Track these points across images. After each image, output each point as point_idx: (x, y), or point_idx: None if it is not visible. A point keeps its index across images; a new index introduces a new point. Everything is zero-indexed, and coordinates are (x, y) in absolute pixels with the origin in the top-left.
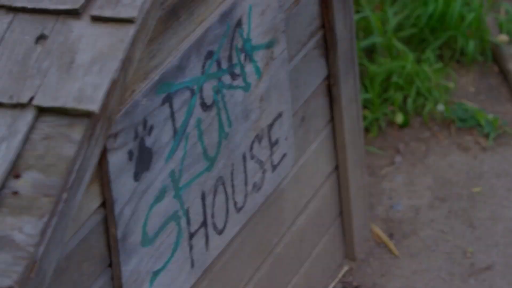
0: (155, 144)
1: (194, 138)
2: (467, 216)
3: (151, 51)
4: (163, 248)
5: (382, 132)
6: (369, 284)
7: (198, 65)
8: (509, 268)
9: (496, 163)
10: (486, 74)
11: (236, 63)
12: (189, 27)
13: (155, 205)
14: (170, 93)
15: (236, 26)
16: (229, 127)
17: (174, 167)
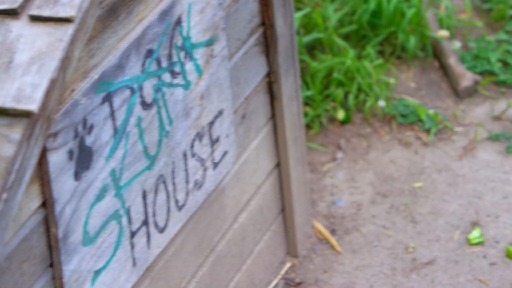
0: (95, 143)
1: (135, 137)
2: (408, 211)
3: (90, 50)
4: (105, 247)
5: (324, 128)
6: (311, 280)
7: (138, 64)
8: (450, 262)
9: (437, 158)
10: (427, 70)
11: (176, 61)
12: (129, 26)
13: (96, 204)
14: (110, 92)
15: (175, 24)
16: (169, 125)
17: (114, 166)
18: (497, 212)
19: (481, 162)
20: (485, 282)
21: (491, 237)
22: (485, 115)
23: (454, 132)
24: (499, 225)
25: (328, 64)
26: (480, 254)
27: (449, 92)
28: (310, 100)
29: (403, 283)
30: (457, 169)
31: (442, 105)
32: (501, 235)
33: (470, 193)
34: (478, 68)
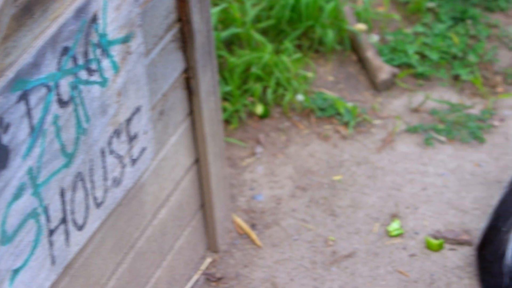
0: (11, 141)
1: (52, 135)
2: (328, 204)
3: (6, 49)
4: (23, 245)
5: (243, 123)
6: (232, 275)
7: (54, 62)
8: (370, 254)
9: (356, 151)
10: (345, 63)
11: (92, 59)
12: (44, 23)
13: (14, 203)
14: (26, 90)
15: (91, 21)
16: (86, 122)
17: (31, 164)
18: (416, 203)
19: (399, 154)
20: (405, 274)
21: (410, 228)
22: (403, 108)
23: (372, 125)
24: (418, 216)
25: (246, 59)
26: (400, 246)
27: (367, 85)
28: (229, 96)
29: (323, 276)
30: (376, 161)
31: (361, 98)
32: (420, 227)
33: (389, 185)
34: (396, 61)
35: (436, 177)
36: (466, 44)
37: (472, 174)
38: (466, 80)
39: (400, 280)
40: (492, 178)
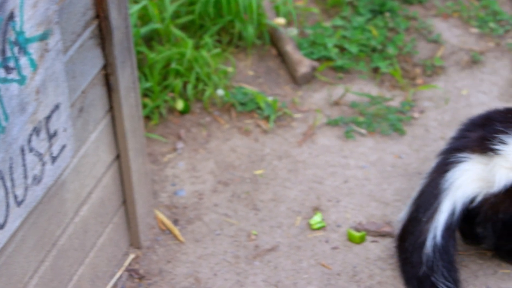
0: None
1: None
2: (250, 199)
3: None
4: None
5: (164, 119)
6: (155, 271)
7: None
8: (292, 248)
9: (277, 145)
10: (265, 57)
11: (10, 57)
12: None
13: None
14: None
15: (8, 19)
16: (5, 121)
17: None
18: (337, 196)
19: (320, 147)
20: (328, 267)
21: (332, 221)
22: (323, 101)
23: (293, 118)
24: (340, 209)
25: (166, 55)
26: (322, 239)
27: (288, 79)
28: (149, 92)
29: (246, 270)
30: (297, 155)
31: (281, 92)
32: (342, 219)
33: (311, 178)
34: (315, 54)
35: (357, 169)
36: (385, 37)
37: (393, 166)
38: (385, 73)
39: (323, 273)
40: (412, 169)
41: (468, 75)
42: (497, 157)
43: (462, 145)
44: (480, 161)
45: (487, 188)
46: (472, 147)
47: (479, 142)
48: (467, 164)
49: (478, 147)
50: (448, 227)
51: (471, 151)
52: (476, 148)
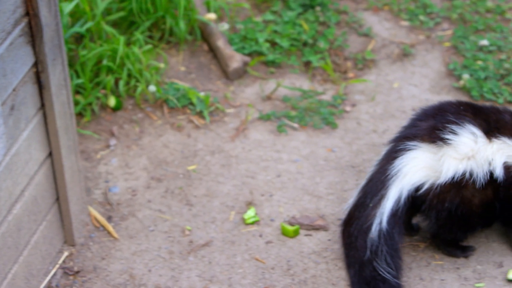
0: None
1: None
2: (183, 194)
3: None
4: None
5: (96, 116)
6: (90, 268)
7: None
8: (226, 243)
9: (210, 140)
10: (196, 53)
11: None
12: None
13: None
14: None
15: None
16: None
17: None
18: (271, 190)
19: (253, 142)
20: (262, 261)
21: (266, 215)
22: (255, 96)
23: (225, 113)
24: (273, 203)
25: (97, 52)
26: (256, 233)
27: (219, 74)
28: (81, 89)
29: (181, 266)
30: (230, 150)
31: (213, 87)
32: (275, 213)
33: (244, 173)
34: (247, 49)
35: (290, 163)
36: (316, 31)
37: (325, 160)
38: (317, 67)
39: (257, 267)
40: (345, 162)
41: (399, 68)
42: (447, 147)
43: (412, 133)
44: (429, 150)
45: (434, 177)
46: (422, 136)
47: (430, 131)
48: (416, 152)
49: (428, 136)
50: (394, 213)
51: (420, 139)
52: (426, 137)
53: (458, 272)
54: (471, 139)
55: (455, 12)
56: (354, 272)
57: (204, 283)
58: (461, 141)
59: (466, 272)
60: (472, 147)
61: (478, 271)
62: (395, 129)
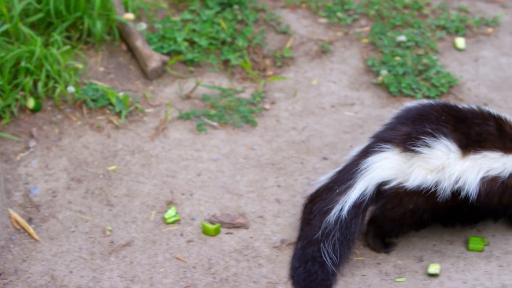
0: None
1: None
2: (104, 195)
3: None
4: None
5: (15, 118)
6: (11, 271)
7: None
8: (148, 242)
9: (130, 140)
10: (115, 53)
11: None
12: None
13: None
14: None
15: None
16: None
17: None
18: (191, 189)
19: (173, 141)
20: (183, 260)
21: (186, 214)
22: (174, 95)
23: (145, 113)
24: (194, 202)
25: (15, 54)
26: (177, 232)
27: (138, 74)
28: (0, 91)
29: (102, 267)
30: (150, 149)
31: (132, 87)
32: (196, 212)
33: (164, 172)
34: (165, 48)
35: (210, 162)
36: (235, 29)
37: (245, 158)
38: (236, 65)
39: (178, 266)
40: (265, 160)
41: (317, 65)
42: (417, 157)
43: (389, 136)
44: (400, 155)
45: (401, 177)
46: (397, 142)
47: (405, 138)
48: (388, 154)
49: (402, 144)
50: (357, 204)
51: (395, 144)
52: (400, 144)
53: (379, 267)
54: (444, 153)
55: (372, 9)
56: (300, 246)
57: (125, 283)
58: (433, 154)
59: (387, 267)
60: (443, 161)
61: (399, 266)
62: (314, 126)
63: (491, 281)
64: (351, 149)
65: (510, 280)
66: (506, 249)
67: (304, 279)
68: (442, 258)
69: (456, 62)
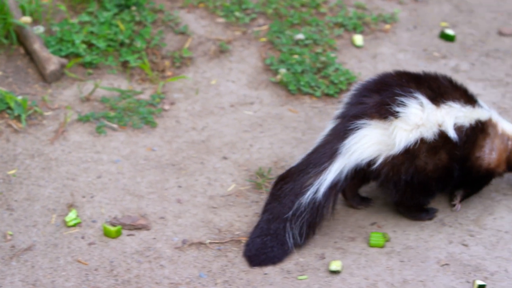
0: None
1: None
2: (4, 199)
3: None
4: None
5: None
6: None
7: None
8: (49, 246)
9: (29, 144)
10: (13, 57)
11: None
12: None
13: None
14: None
15: None
16: None
17: None
18: (92, 192)
19: (73, 144)
20: (84, 263)
21: (87, 217)
22: (74, 97)
23: (44, 116)
24: (95, 205)
25: None
26: (78, 235)
27: (37, 78)
28: None
29: (3, 271)
30: (50, 153)
31: (31, 91)
32: (97, 215)
33: (65, 175)
34: (64, 51)
35: (111, 164)
36: (133, 31)
37: (146, 159)
38: (135, 66)
39: (80, 269)
40: (165, 161)
41: (216, 65)
42: (397, 120)
43: (360, 111)
44: (379, 126)
45: (387, 150)
46: (371, 114)
47: (378, 107)
48: (366, 130)
49: (377, 113)
50: (332, 187)
51: (369, 117)
52: (375, 114)
53: (281, 265)
54: (419, 108)
55: (270, 7)
56: (266, 218)
57: (27, 287)
58: (410, 111)
59: (289, 265)
60: (421, 116)
61: (301, 263)
62: (214, 125)
63: (393, 277)
64: (251, 148)
65: (411, 275)
66: (407, 244)
67: (257, 249)
68: (344, 255)
69: (354, 59)
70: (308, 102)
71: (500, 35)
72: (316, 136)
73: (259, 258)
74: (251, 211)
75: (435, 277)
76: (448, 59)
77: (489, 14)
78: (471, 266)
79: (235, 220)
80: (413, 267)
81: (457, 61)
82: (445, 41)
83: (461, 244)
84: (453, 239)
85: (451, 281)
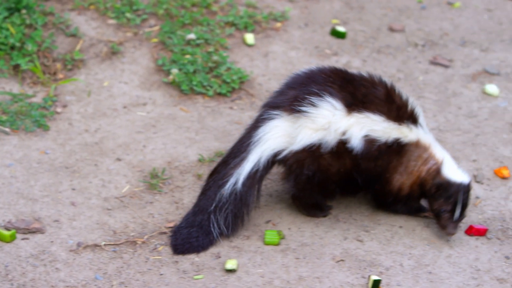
0: None
1: None
2: None
3: None
4: None
5: None
6: None
7: None
8: None
9: None
10: None
11: None
12: None
13: None
14: None
15: None
16: None
17: None
18: None
19: None
20: None
21: None
22: None
23: None
24: None
25: None
26: None
27: None
28: None
29: None
30: None
31: None
32: None
33: None
34: None
35: (4, 168)
36: (23, 34)
37: (39, 162)
38: (26, 70)
39: None
40: (59, 164)
41: (108, 67)
42: (304, 118)
43: (277, 102)
44: (288, 120)
45: (292, 143)
46: (284, 107)
47: (291, 102)
48: (278, 121)
49: (289, 107)
50: (251, 176)
51: (283, 109)
52: (287, 108)
53: (176, 265)
54: (329, 111)
55: (161, 8)
56: (192, 211)
57: None
58: (319, 113)
59: (185, 265)
60: (329, 119)
61: (197, 263)
62: (107, 127)
63: (288, 274)
64: (145, 149)
65: (306, 272)
66: (302, 241)
67: (183, 239)
68: (239, 253)
69: (246, 58)
70: (201, 102)
71: (391, 31)
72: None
73: (183, 247)
74: (145, 212)
75: (330, 273)
76: (340, 56)
77: (379, 10)
78: (366, 261)
79: (129, 222)
80: (308, 264)
81: (349, 57)
82: (336, 38)
83: (356, 240)
84: (348, 235)
85: (346, 277)
